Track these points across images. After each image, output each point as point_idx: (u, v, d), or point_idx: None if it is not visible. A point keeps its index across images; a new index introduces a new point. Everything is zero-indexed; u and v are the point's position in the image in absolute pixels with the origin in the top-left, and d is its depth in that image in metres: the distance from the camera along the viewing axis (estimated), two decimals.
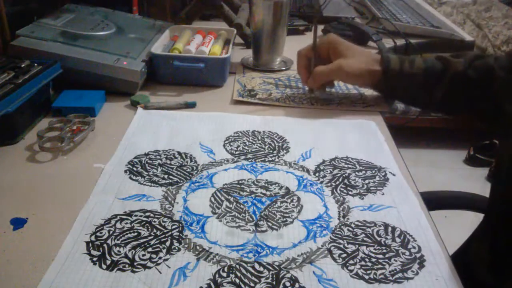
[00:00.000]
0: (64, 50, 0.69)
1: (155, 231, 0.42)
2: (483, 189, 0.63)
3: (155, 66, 0.74)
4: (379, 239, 0.42)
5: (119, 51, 0.71)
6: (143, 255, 0.39)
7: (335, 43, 0.67)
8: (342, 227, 0.43)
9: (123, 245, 0.40)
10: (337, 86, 0.76)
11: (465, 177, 1.87)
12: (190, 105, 0.68)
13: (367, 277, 0.37)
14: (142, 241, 0.41)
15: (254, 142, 0.58)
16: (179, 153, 0.55)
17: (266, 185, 0.50)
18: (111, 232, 0.41)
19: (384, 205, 0.47)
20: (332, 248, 0.41)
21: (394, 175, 0.52)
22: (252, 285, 0.36)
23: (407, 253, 0.40)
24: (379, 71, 0.64)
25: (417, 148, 2.08)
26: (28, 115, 0.60)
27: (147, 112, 0.65)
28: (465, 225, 0.60)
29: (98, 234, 0.41)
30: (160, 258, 0.39)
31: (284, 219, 0.44)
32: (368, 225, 0.44)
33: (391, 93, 0.68)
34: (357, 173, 0.53)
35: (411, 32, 1.10)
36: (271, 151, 0.57)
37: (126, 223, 0.43)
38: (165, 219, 0.44)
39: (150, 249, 0.40)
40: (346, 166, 0.54)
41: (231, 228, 0.43)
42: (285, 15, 0.81)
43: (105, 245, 0.40)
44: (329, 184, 0.50)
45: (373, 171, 0.53)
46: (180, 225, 0.43)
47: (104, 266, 0.38)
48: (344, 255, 0.40)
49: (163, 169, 0.52)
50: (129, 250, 0.39)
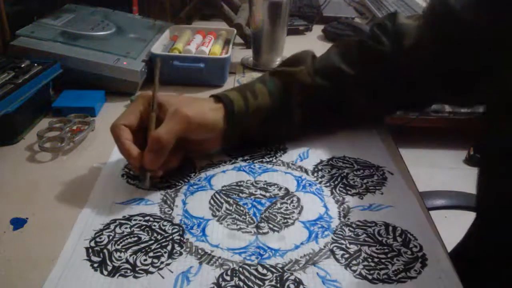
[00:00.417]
0: (64, 50, 0.68)
1: (155, 235, 0.41)
2: None
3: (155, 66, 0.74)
4: (380, 238, 0.42)
5: (119, 51, 0.71)
6: (145, 260, 0.38)
7: (158, 98, 0.49)
8: (343, 227, 0.43)
9: (123, 250, 0.39)
10: None
11: (465, 177, 1.88)
12: None
13: (370, 277, 0.37)
14: (143, 245, 0.40)
15: None
16: None
17: (265, 186, 0.49)
18: (110, 237, 0.41)
19: (384, 205, 0.47)
20: (335, 248, 0.41)
21: (392, 174, 0.53)
22: None
23: (409, 252, 0.40)
24: (222, 107, 0.51)
25: (417, 148, 2.09)
26: (28, 115, 0.60)
27: None
28: (465, 225, 0.61)
29: (98, 239, 0.41)
30: (162, 262, 0.38)
31: (285, 220, 0.44)
32: (369, 225, 0.44)
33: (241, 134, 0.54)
34: (355, 172, 0.53)
35: None
36: (269, 151, 0.56)
37: (126, 228, 0.42)
38: (165, 223, 0.43)
39: (151, 254, 0.39)
40: (344, 165, 0.54)
41: (232, 230, 0.42)
42: (285, 15, 0.81)
43: (105, 250, 0.39)
44: (328, 184, 0.50)
45: (371, 170, 0.53)
46: (181, 228, 0.42)
47: (105, 272, 0.37)
48: (347, 255, 0.40)
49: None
50: (130, 255, 0.39)
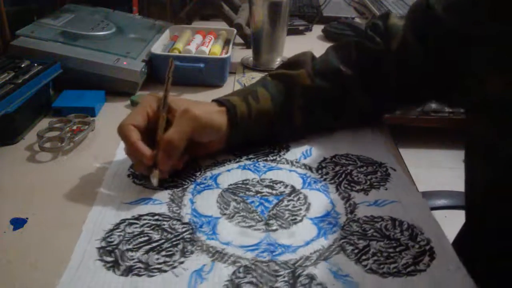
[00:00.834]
0: (64, 50, 0.68)
1: (166, 234, 0.42)
2: None
3: (155, 66, 0.74)
4: (388, 233, 0.43)
5: (119, 51, 0.71)
6: (157, 259, 0.39)
7: (170, 100, 0.50)
8: (350, 223, 0.44)
9: (135, 249, 0.40)
10: None
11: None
12: None
13: (381, 271, 0.38)
14: (154, 245, 0.40)
15: None
16: None
17: (271, 184, 0.50)
18: (121, 237, 0.41)
19: (389, 200, 0.48)
20: (344, 244, 0.41)
21: (394, 170, 0.53)
22: (270, 284, 0.36)
23: (417, 246, 0.41)
24: (225, 111, 0.53)
25: (417, 148, 2.10)
26: (28, 115, 0.60)
27: None
28: None
29: (109, 239, 0.41)
30: (175, 261, 0.38)
31: (293, 217, 0.45)
32: (375, 220, 0.45)
33: (244, 137, 0.55)
34: (358, 169, 0.53)
35: None
36: (272, 150, 0.57)
37: (136, 227, 0.42)
38: (174, 222, 0.43)
39: (163, 253, 0.39)
40: (347, 162, 0.55)
41: (242, 228, 0.43)
42: (285, 15, 0.81)
43: (117, 250, 0.39)
44: (332, 181, 0.51)
45: (374, 167, 0.54)
46: (191, 227, 0.43)
47: (118, 272, 0.37)
48: (356, 250, 0.40)
49: None
50: (142, 255, 0.39)
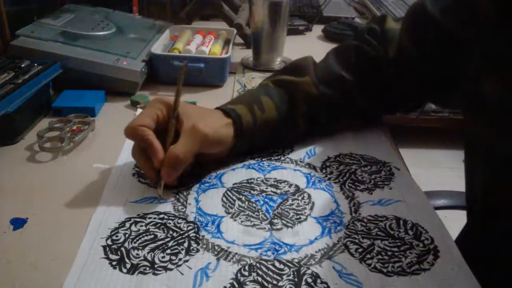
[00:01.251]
0: (64, 50, 0.68)
1: (171, 232, 0.42)
2: None
3: (155, 66, 0.74)
4: (392, 232, 0.43)
5: (119, 51, 0.71)
6: (163, 257, 0.39)
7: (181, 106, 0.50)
8: (355, 222, 0.44)
9: (141, 248, 0.40)
10: None
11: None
12: None
13: (385, 270, 0.38)
14: (159, 243, 0.41)
15: None
16: None
17: (276, 183, 0.50)
18: (127, 235, 0.41)
19: (393, 199, 0.48)
20: (348, 243, 0.41)
21: (398, 169, 0.54)
22: (274, 282, 0.37)
23: (421, 245, 0.41)
24: (232, 123, 0.51)
25: (417, 148, 2.10)
26: (28, 115, 0.60)
27: None
28: None
29: (114, 237, 0.41)
30: (180, 259, 0.39)
31: (298, 216, 0.45)
32: (380, 219, 0.45)
33: (250, 145, 0.55)
34: (362, 168, 0.54)
35: None
36: (276, 149, 0.57)
37: (141, 226, 0.43)
38: (179, 221, 0.44)
39: (168, 251, 0.40)
40: (351, 162, 0.55)
41: (246, 227, 0.43)
42: (285, 15, 0.81)
43: (122, 248, 0.40)
44: (337, 180, 0.51)
45: (378, 166, 0.54)
46: (196, 226, 0.43)
47: (124, 270, 0.37)
48: (361, 249, 0.40)
49: None
50: (148, 253, 0.39)
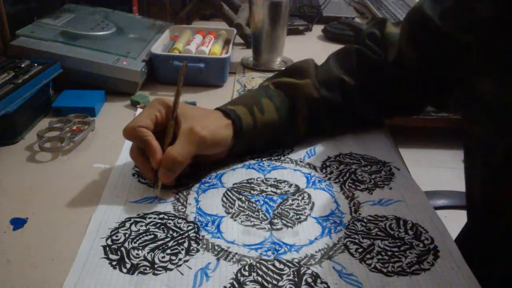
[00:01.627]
0: (64, 50, 0.68)
1: (171, 232, 0.42)
2: None
3: (155, 66, 0.74)
4: (392, 232, 0.43)
5: (119, 51, 0.71)
6: (163, 257, 0.39)
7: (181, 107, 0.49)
8: (355, 222, 0.44)
9: (140, 248, 0.40)
10: None
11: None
12: None
13: (385, 270, 0.38)
14: (159, 243, 0.41)
15: None
16: None
17: (276, 183, 0.50)
18: (127, 235, 0.41)
19: (393, 199, 0.48)
20: (348, 243, 0.41)
21: (398, 169, 0.54)
22: (274, 282, 0.37)
23: (421, 245, 0.41)
24: (231, 124, 0.51)
25: (417, 148, 2.10)
26: (28, 115, 0.60)
27: None
28: None
29: (114, 237, 0.41)
30: (180, 259, 0.39)
31: (298, 216, 0.45)
32: (380, 219, 0.45)
33: (249, 147, 0.55)
34: (363, 168, 0.54)
35: None
36: (276, 149, 0.57)
37: (141, 226, 0.43)
38: (179, 221, 0.44)
39: (168, 251, 0.40)
40: (351, 161, 0.55)
41: (246, 227, 0.43)
42: (285, 15, 0.81)
43: (122, 248, 0.40)
44: (337, 180, 0.51)
45: (378, 166, 0.54)
46: (196, 225, 0.43)
47: (124, 270, 0.37)
48: (361, 249, 0.40)
49: None
50: (148, 253, 0.39)
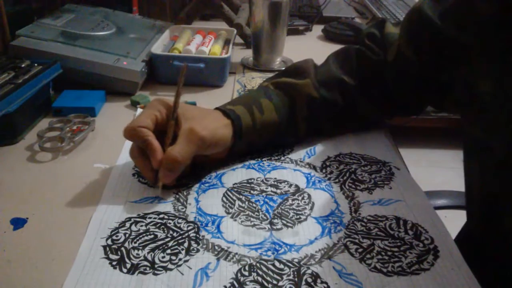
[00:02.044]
0: (64, 50, 0.68)
1: (171, 232, 0.42)
2: None
3: (155, 66, 0.74)
4: (392, 232, 0.43)
5: (119, 51, 0.71)
6: (163, 257, 0.39)
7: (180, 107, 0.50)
8: (355, 222, 0.44)
9: (141, 247, 0.40)
10: None
11: None
12: None
13: (385, 270, 0.38)
14: (159, 243, 0.41)
15: None
16: None
17: (276, 183, 0.50)
18: (127, 235, 0.41)
19: (393, 199, 0.48)
20: (348, 243, 0.41)
21: (398, 169, 0.54)
22: (274, 282, 0.37)
23: (421, 245, 0.41)
24: (231, 124, 0.51)
25: (417, 148, 2.10)
26: (28, 115, 0.60)
27: None
28: None
29: (114, 237, 0.41)
30: (180, 259, 0.39)
31: (298, 216, 0.45)
32: (380, 219, 0.45)
33: (249, 146, 0.55)
34: (363, 168, 0.54)
35: None
36: (276, 149, 0.57)
37: (141, 226, 0.43)
38: (180, 221, 0.44)
39: (169, 251, 0.40)
40: (351, 161, 0.55)
41: (246, 227, 0.43)
42: (285, 15, 0.81)
43: (122, 248, 0.40)
44: (337, 180, 0.51)
45: (378, 166, 0.54)
46: (196, 225, 0.43)
47: (124, 270, 0.37)
48: (361, 249, 0.41)
49: None
50: (148, 253, 0.39)
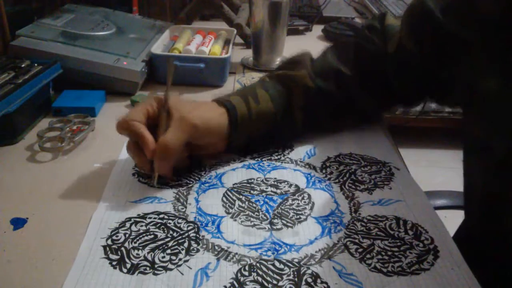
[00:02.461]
0: (64, 50, 0.68)
1: (171, 232, 0.42)
2: None
3: (155, 66, 0.74)
4: (392, 232, 0.43)
5: (119, 51, 0.71)
6: (163, 257, 0.39)
7: (172, 100, 0.50)
8: (355, 222, 0.44)
9: (141, 247, 0.40)
10: None
11: None
12: None
13: (385, 270, 0.38)
14: (159, 243, 0.41)
15: None
16: None
17: (276, 183, 0.50)
18: (127, 235, 0.41)
19: (393, 199, 0.48)
20: (348, 243, 0.41)
21: (398, 169, 0.54)
22: (274, 282, 0.37)
23: (421, 245, 0.41)
24: (226, 112, 0.52)
25: (417, 148, 2.10)
26: (28, 115, 0.60)
27: None
28: None
29: (114, 237, 0.41)
30: (180, 259, 0.39)
31: (298, 216, 0.45)
32: (380, 219, 0.45)
33: (245, 138, 0.54)
34: (362, 168, 0.54)
35: None
36: (276, 149, 0.57)
37: (141, 226, 0.43)
38: (180, 221, 0.44)
39: (169, 251, 0.40)
40: (351, 162, 0.55)
41: (246, 227, 0.43)
42: (285, 15, 0.81)
43: (122, 248, 0.40)
44: (337, 181, 0.51)
45: (378, 166, 0.54)
46: (196, 225, 0.43)
47: (124, 270, 0.37)
48: (361, 249, 0.41)
49: None
50: (148, 253, 0.39)
